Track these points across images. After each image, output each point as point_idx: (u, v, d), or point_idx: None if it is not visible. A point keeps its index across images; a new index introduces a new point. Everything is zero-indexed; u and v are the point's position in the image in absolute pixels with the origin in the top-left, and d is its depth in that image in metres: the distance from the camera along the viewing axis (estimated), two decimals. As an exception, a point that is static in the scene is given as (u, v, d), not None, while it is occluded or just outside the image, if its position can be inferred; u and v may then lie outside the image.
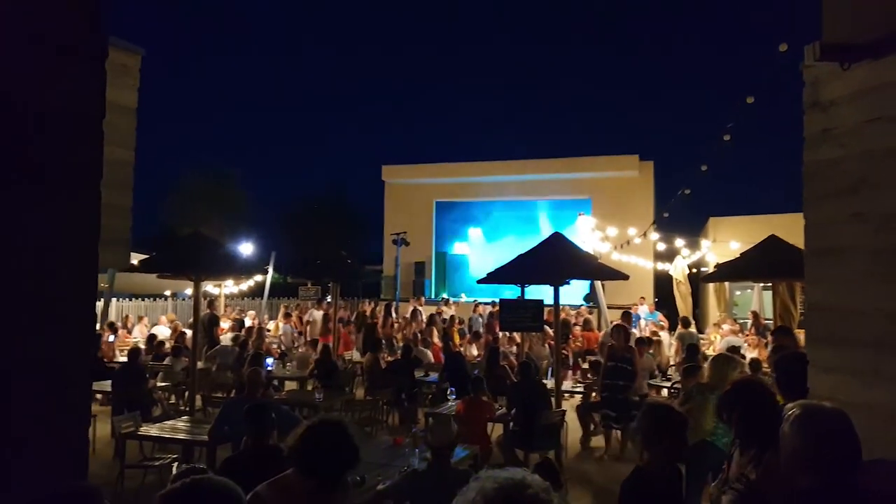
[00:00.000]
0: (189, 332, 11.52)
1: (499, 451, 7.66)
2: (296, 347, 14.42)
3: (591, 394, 9.92)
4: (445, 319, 15.82)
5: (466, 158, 25.29)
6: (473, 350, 14.28)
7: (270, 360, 11.36)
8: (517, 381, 8.57)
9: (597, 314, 16.72)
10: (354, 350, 14.54)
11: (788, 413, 2.19)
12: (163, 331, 14.60)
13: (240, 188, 36.60)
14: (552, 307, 9.42)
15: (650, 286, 20.93)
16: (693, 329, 13.51)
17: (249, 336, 12.77)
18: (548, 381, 9.58)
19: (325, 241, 30.89)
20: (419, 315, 16.00)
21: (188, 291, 14.36)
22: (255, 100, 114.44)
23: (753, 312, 14.05)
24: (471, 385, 8.08)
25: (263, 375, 6.47)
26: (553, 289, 9.19)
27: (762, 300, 15.73)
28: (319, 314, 15.72)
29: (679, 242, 16.47)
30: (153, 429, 7.21)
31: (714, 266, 14.53)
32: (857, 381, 3.26)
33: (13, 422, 1.76)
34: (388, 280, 24.10)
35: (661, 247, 17.05)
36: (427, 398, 11.12)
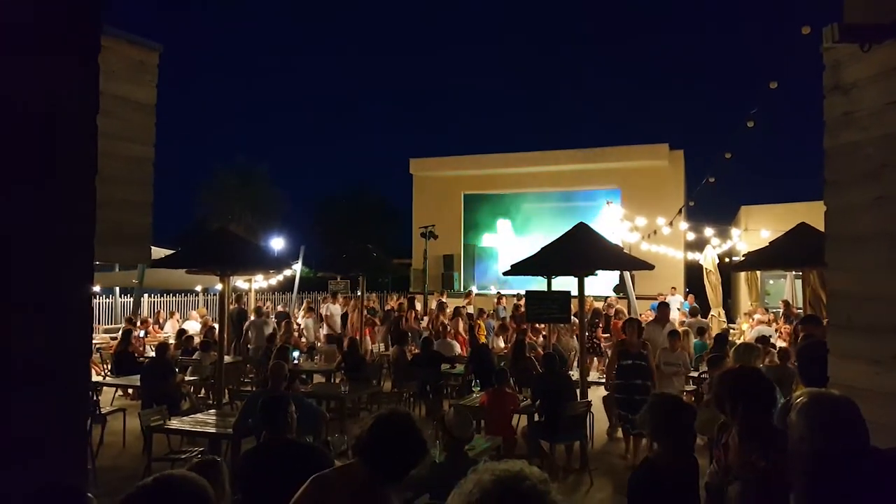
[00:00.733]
0: (218, 327, 11.70)
1: (524, 442, 7.66)
2: (317, 341, 14.56)
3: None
4: (471, 314, 15.83)
5: (494, 151, 25.15)
6: (500, 342, 14.28)
7: (296, 354, 11.50)
8: (542, 373, 8.54)
9: (626, 305, 16.56)
10: (380, 343, 14.64)
11: (796, 401, 2.16)
12: (193, 326, 14.83)
13: (270, 184, 37.01)
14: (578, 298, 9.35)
15: (681, 276, 20.66)
16: (699, 317, 13.37)
17: (278, 329, 12.94)
18: (574, 373, 9.53)
19: (354, 236, 31.14)
20: (444, 308, 16.02)
21: (219, 287, 14.59)
22: (286, 98, 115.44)
23: (784, 301, 13.80)
24: (495, 377, 8.09)
25: (287, 369, 6.53)
26: (578, 280, 9.15)
27: (795, 289, 15.45)
28: (336, 308, 15.84)
29: (709, 231, 16.22)
30: (181, 422, 7.29)
31: (744, 255, 14.29)
32: (877, 369, 3.19)
33: (13, 422, 1.77)
34: (417, 273, 24.16)
35: (691, 236, 16.81)
36: (453, 390, 11.16)
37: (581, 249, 9.14)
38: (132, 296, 18.27)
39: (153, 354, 10.32)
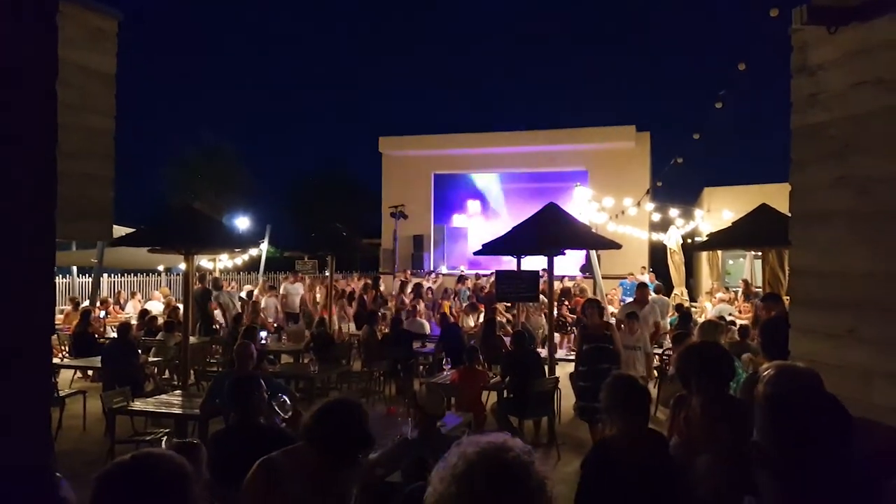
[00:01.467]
0: (182, 308, 11.54)
1: (493, 419, 7.74)
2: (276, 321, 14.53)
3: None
4: (432, 289, 15.91)
5: (465, 131, 25.05)
6: (470, 321, 14.37)
7: (264, 334, 11.41)
8: (511, 350, 8.63)
9: (592, 284, 16.76)
10: (350, 323, 14.60)
11: (763, 374, 2.19)
12: (156, 306, 14.58)
13: (236, 162, 36.34)
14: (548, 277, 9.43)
15: (646, 256, 20.95)
16: (660, 295, 13.44)
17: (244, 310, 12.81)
18: (543, 350, 9.64)
19: (322, 215, 30.84)
20: (405, 287, 16.04)
21: (182, 266, 14.40)
22: (252, 75, 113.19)
23: (744, 281, 14.10)
24: (466, 355, 8.15)
25: (254, 349, 6.46)
26: (548, 259, 9.22)
27: (754, 268, 15.78)
28: (294, 287, 15.74)
29: (673, 212, 16.47)
30: (145, 403, 7.14)
31: (706, 235, 14.54)
32: (834, 343, 3.27)
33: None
34: (387, 253, 24.10)
35: (657, 217, 17.05)
36: (423, 369, 11.20)
37: (550, 229, 9.21)
38: (91, 275, 17.85)
39: (114, 335, 10.13)
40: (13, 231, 1.87)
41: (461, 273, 19.21)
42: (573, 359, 10.08)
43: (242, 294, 16.38)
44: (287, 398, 4.34)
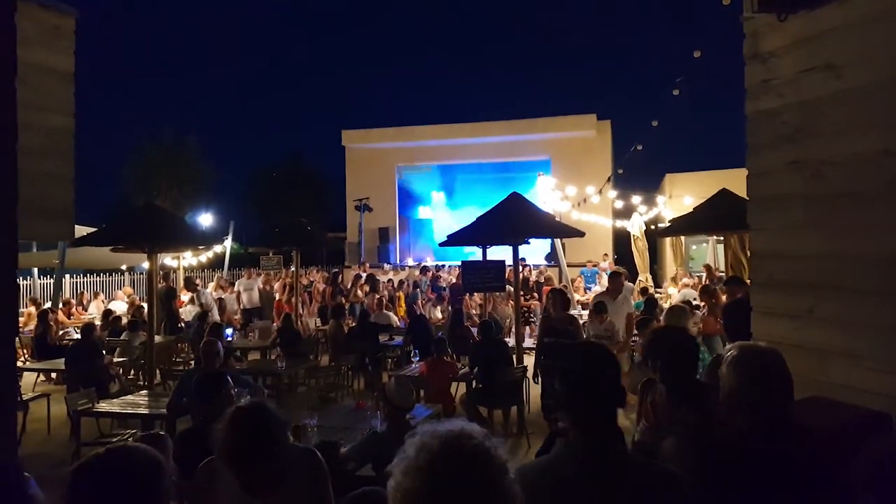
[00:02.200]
0: (146, 307, 11.34)
1: (463, 409, 7.78)
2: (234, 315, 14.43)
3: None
4: (393, 281, 15.92)
5: (428, 122, 25.00)
6: (437, 313, 14.41)
7: (230, 331, 11.29)
8: (478, 341, 8.68)
9: (557, 272, 16.94)
10: (316, 318, 14.52)
11: (727, 355, 2.26)
12: (120, 306, 14.33)
13: (198, 157, 35.67)
14: (513, 266, 9.51)
15: (609, 243, 21.23)
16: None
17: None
18: (510, 340, 9.71)
19: (287, 210, 30.51)
20: (360, 281, 16.01)
21: (145, 265, 14.10)
22: (215, 67, 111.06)
23: (706, 266, 14.39)
24: (434, 346, 8.17)
25: (221, 346, 6.40)
26: (512, 248, 9.29)
27: (716, 253, 16.10)
28: (250, 282, 15.64)
29: (636, 199, 16.71)
30: (110, 405, 7.04)
31: (669, 221, 14.79)
32: (794, 323, 3.38)
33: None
34: (352, 246, 23.98)
35: (619, 204, 17.27)
36: (391, 362, 11.21)
37: (514, 218, 9.27)
38: (53, 277, 17.43)
39: (77, 337, 9.92)
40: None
41: (423, 265, 19.24)
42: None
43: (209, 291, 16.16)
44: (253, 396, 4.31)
